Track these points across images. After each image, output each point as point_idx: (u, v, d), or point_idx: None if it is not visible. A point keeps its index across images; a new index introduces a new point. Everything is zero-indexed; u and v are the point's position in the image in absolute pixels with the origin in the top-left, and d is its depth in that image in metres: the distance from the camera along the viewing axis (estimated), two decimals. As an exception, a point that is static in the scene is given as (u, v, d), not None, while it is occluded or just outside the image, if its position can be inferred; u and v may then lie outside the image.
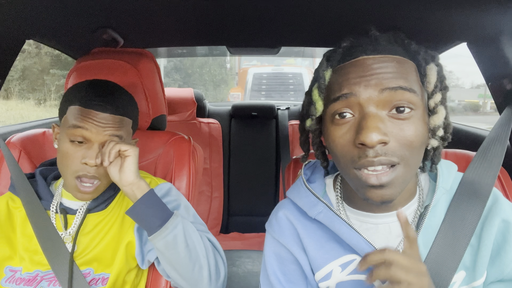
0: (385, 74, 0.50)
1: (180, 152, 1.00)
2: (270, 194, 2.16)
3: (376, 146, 0.48)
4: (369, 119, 0.48)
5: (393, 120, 0.50)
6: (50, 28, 1.02)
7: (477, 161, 0.65)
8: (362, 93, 0.49)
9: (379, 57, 0.51)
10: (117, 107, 0.76)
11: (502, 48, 0.94)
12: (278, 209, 0.67)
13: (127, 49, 1.13)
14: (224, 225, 2.13)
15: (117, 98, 0.77)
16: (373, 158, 0.48)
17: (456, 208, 0.58)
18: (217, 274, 0.79)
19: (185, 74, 12.42)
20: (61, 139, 0.76)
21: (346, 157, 0.51)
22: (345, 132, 0.51)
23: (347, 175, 0.54)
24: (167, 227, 0.72)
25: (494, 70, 1.00)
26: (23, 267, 0.77)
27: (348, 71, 0.52)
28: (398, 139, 0.49)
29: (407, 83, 0.50)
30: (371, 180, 0.49)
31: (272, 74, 6.28)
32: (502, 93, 0.98)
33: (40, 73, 8.70)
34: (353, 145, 0.50)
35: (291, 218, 0.64)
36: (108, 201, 0.82)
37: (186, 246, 0.74)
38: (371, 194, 0.51)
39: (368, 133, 0.47)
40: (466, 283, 0.57)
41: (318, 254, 0.61)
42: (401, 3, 0.83)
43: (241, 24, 1.09)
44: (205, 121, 2.15)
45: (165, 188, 0.84)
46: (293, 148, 2.08)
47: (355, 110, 0.51)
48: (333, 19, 0.99)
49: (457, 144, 0.81)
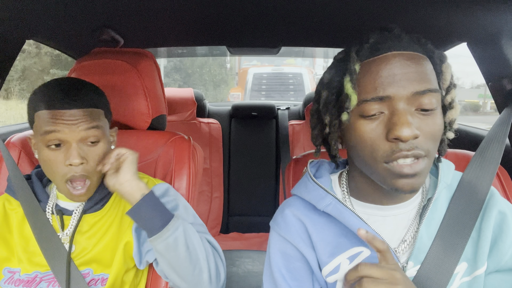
0: (415, 72, 0.53)
1: (180, 152, 1.00)
2: (270, 194, 2.16)
3: (409, 140, 0.51)
4: (402, 115, 0.51)
5: (419, 115, 0.53)
6: (50, 28, 1.02)
7: (475, 161, 0.67)
8: (395, 94, 0.52)
9: (406, 53, 0.54)
10: (82, 100, 0.73)
11: (502, 48, 0.94)
12: (284, 207, 0.68)
13: (127, 49, 1.13)
14: (224, 225, 2.13)
15: (80, 91, 0.74)
16: (407, 152, 0.51)
17: (457, 204, 0.61)
18: (217, 277, 0.79)
19: (185, 74, 12.43)
20: (38, 148, 0.74)
21: (376, 151, 0.53)
22: (374, 127, 0.54)
23: (373, 169, 0.55)
24: (168, 229, 0.72)
25: (494, 70, 1.00)
26: (21, 269, 0.77)
27: (379, 69, 0.54)
28: (425, 133, 0.52)
29: (432, 85, 0.53)
30: (405, 170, 0.52)
31: (272, 74, 6.28)
32: (502, 93, 0.98)
33: (40, 73, 8.70)
34: (384, 139, 0.53)
35: (299, 214, 0.65)
36: (104, 200, 0.81)
37: (187, 249, 0.73)
38: (401, 184, 0.53)
39: (403, 128, 0.50)
40: (468, 274, 0.58)
41: (326, 249, 0.62)
42: (401, 3, 0.83)
43: (241, 24, 1.09)
44: (205, 121, 2.15)
45: (162, 189, 0.84)
46: (293, 148, 2.08)
47: (385, 107, 0.53)
48: (333, 19, 1.00)
49: (457, 144, 0.81)
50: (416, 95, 0.52)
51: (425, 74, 0.53)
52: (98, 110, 0.76)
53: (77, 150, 0.72)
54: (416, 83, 0.52)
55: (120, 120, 1.02)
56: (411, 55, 0.54)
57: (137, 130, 1.05)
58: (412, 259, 0.59)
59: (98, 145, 0.75)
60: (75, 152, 0.71)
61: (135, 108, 1.01)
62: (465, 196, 0.61)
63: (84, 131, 0.72)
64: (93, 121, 0.73)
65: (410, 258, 0.59)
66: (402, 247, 0.60)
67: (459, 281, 0.58)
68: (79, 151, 0.72)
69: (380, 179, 0.56)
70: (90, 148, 0.74)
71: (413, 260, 0.59)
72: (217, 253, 0.83)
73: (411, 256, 0.59)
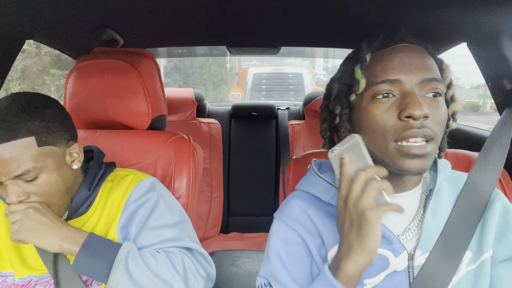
0: (422, 62, 0.58)
1: (180, 152, 1.00)
2: (270, 194, 2.16)
3: (420, 119, 0.54)
4: (414, 96, 0.55)
5: (428, 101, 0.57)
6: (50, 28, 1.02)
7: (480, 162, 0.69)
8: (405, 78, 0.57)
9: (414, 46, 0.59)
10: (1, 133, 0.62)
11: (502, 48, 0.94)
12: (290, 198, 0.70)
13: (127, 49, 1.13)
14: (224, 225, 2.13)
15: (0, 121, 0.63)
16: (417, 130, 0.54)
17: (463, 200, 0.64)
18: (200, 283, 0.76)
19: (185, 74, 12.42)
20: None
21: (388, 130, 0.57)
22: (387, 108, 0.57)
23: (383, 149, 0.58)
24: (113, 279, 0.67)
25: (494, 70, 1.00)
26: (15, 273, 0.76)
27: (390, 57, 0.58)
28: (433, 117, 0.56)
29: (437, 75, 0.58)
30: (414, 150, 0.55)
31: (272, 74, 6.28)
32: (502, 93, 0.98)
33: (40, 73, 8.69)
34: (396, 119, 0.56)
35: (303, 205, 0.67)
36: (87, 203, 0.78)
37: None
38: (410, 164, 0.56)
39: (416, 106, 0.54)
40: (474, 261, 0.61)
41: (331, 233, 0.64)
42: (401, 4, 0.83)
43: (241, 24, 1.09)
44: (205, 121, 2.15)
45: (148, 183, 0.82)
46: (293, 148, 2.08)
47: (396, 91, 0.57)
48: (333, 20, 1.00)
49: (457, 144, 0.81)
50: (425, 82, 0.56)
51: (432, 65, 0.58)
52: (26, 140, 0.64)
53: (14, 187, 0.65)
54: (425, 70, 0.57)
55: (120, 120, 1.02)
56: (417, 48, 0.59)
57: (137, 130, 1.05)
58: (420, 247, 0.61)
59: (39, 178, 0.67)
60: (11, 191, 0.65)
61: (135, 108, 1.01)
62: (471, 193, 0.64)
63: (14, 174, 0.64)
64: (20, 165, 0.63)
65: (417, 247, 0.61)
66: (406, 235, 0.63)
67: (465, 269, 0.60)
68: (14, 189, 0.65)
69: (389, 160, 0.58)
70: (27, 185, 0.67)
71: (421, 248, 0.61)
72: (198, 260, 0.79)
73: (418, 245, 0.61)
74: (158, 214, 0.79)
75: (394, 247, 0.60)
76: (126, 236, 0.78)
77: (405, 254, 0.61)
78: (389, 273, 0.60)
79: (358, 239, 0.51)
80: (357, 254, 0.51)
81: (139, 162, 1.00)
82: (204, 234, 2.01)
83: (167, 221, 0.79)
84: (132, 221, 0.78)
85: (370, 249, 0.50)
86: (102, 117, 1.02)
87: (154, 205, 0.79)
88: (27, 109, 0.66)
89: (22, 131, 0.64)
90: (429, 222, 0.62)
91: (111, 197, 0.80)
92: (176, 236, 0.78)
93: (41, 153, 0.66)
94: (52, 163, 0.68)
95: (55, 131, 0.69)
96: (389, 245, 0.60)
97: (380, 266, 0.60)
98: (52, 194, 0.70)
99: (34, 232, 0.65)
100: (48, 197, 0.70)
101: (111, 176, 0.84)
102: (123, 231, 0.78)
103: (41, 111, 0.68)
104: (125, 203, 0.79)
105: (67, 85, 1.03)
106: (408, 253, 0.61)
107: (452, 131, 0.67)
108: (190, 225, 0.85)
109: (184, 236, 0.80)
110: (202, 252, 0.81)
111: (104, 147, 0.98)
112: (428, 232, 0.61)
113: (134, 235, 0.77)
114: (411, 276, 0.60)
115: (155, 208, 0.79)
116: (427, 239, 0.61)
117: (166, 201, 0.83)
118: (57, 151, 0.70)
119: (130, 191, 0.80)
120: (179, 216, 0.83)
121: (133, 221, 0.78)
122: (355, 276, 0.52)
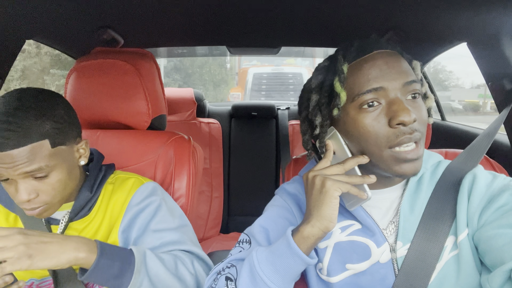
0: (400, 67, 0.59)
1: (180, 152, 1.00)
2: (270, 194, 2.14)
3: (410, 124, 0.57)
4: (400, 103, 0.57)
5: (410, 103, 0.59)
6: (50, 28, 1.02)
7: (463, 153, 0.71)
8: (388, 85, 0.58)
9: (387, 51, 0.61)
10: (15, 138, 0.61)
11: (502, 48, 0.94)
12: (292, 181, 0.78)
13: (127, 49, 1.13)
14: (224, 225, 2.13)
15: (13, 125, 0.62)
16: (409, 135, 0.56)
17: (441, 185, 0.65)
18: None
19: (185, 74, 12.41)
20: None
21: (380, 138, 0.58)
22: (376, 117, 0.58)
23: (378, 156, 0.59)
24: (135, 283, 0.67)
25: (494, 70, 1.00)
26: (16, 276, 0.76)
27: (369, 66, 0.59)
28: (418, 118, 0.58)
29: (414, 76, 0.60)
30: (410, 155, 0.57)
31: (272, 74, 6.28)
32: (502, 93, 0.98)
33: (40, 73, 8.69)
34: (387, 126, 0.58)
35: (302, 191, 0.74)
36: (89, 205, 0.78)
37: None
38: (405, 168, 0.58)
39: (405, 113, 0.56)
40: (456, 246, 0.60)
41: None
42: (401, 4, 0.83)
43: (241, 24, 1.09)
44: (205, 121, 2.15)
45: (150, 187, 0.83)
46: (293, 148, 2.08)
47: (381, 99, 0.58)
48: (333, 20, 1.00)
49: (456, 144, 0.81)
50: (406, 85, 0.58)
51: (407, 68, 0.60)
52: (39, 144, 0.64)
53: (25, 185, 0.65)
54: (404, 74, 0.59)
55: (120, 120, 1.02)
56: (391, 53, 0.61)
57: (137, 130, 1.05)
58: (400, 238, 0.62)
59: (50, 177, 0.67)
60: (22, 188, 0.65)
61: (135, 108, 1.01)
62: (448, 178, 0.65)
63: (24, 173, 0.64)
64: (32, 163, 0.63)
65: (397, 238, 0.62)
66: (390, 228, 0.65)
67: (448, 256, 0.60)
68: (25, 186, 0.65)
69: (384, 166, 0.59)
70: (38, 183, 0.67)
71: (402, 239, 0.62)
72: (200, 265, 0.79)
73: (398, 236, 0.62)
74: (160, 218, 0.79)
75: (376, 238, 0.64)
76: (127, 239, 0.78)
77: (386, 245, 0.63)
78: (373, 263, 0.63)
79: (316, 205, 0.57)
80: (314, 218, 0.57)
81: (139, 162, 1.00)
82: (204, 234, 2.01)
83: (169, 225, 0.80)
84: (133, 224, 0.78)
85: (325, 215, 0.56)
86: (102, 117, 1.02)
87: (156, 209, 0.80)
88: (38, 111, 0.66)
89: (35, 135, 0.64)
90: (406, 213, 0.63)
91: (113, 199, 0.80)
92: (178, 239, 0.79)
93: (54, 153, 0.67)
94: (63, 161, 0.69)
95: (65, 131, 0.70)
96: (372, 236, 0.64)
97: (363, 254, 0.64)
98: (59, 192, 0.70)
99: (38, 254, 0.60)
100: (55, 195, 0.69)
101: (112, 178, 0.84)
102: (124, 234, 0.78)
103: (52, 112, 0.68)
104: (127, 206, 0.79)
105: (67, 85, 1.03)
106: (390, 245, 0.63)
107: (452, 131, 0.67)
108: (191, 229, 0.86)
109: (186, 239, 0.80)
110: (203, 256, 0.81)
111: (104, 147, 0.98)
112: (407, 223, 0.63)
113: (134, 238, 0.78)
114: (396, 268, 0.62)
115: (157, 212, 0.79)
116: (407, 230, 0.62)
117: (167, 206, 0.83)
118: (67, 149, 0.71)
119: (132, 194, 0.80)
120: (180, 220, 0.84)
121: (134, 225, 0.78)
122: (309, 238, 0.57)
